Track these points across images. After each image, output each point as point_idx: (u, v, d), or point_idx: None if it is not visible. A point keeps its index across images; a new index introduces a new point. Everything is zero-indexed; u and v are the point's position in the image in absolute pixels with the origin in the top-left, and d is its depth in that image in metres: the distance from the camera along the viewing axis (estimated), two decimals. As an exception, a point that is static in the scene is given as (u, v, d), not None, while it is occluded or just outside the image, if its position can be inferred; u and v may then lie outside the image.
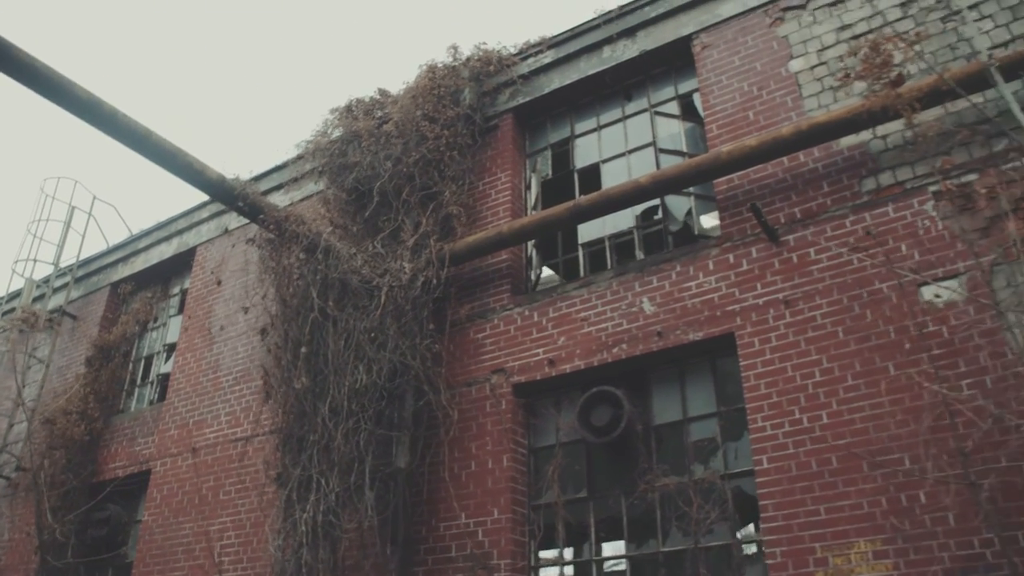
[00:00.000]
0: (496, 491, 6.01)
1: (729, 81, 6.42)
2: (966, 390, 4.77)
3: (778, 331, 5.43)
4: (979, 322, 4.89)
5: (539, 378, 6.23)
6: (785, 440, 5.13)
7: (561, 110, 7.45)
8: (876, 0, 6.11)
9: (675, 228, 6.44)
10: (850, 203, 5.55)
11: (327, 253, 6.41)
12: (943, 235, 5.18)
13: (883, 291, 5.20)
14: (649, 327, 5.90)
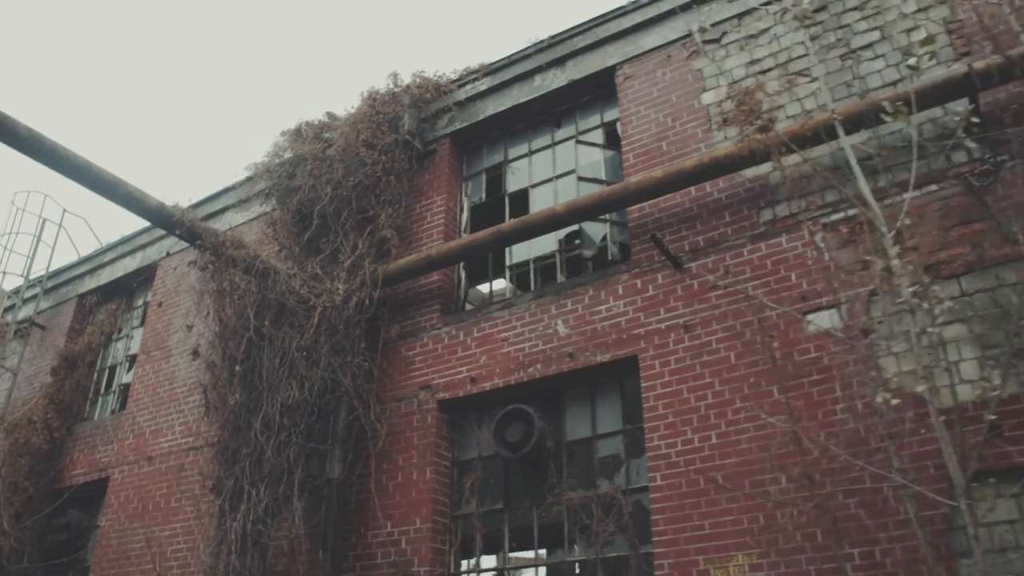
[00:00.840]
0: (419, 502, 6.36)
1: (647, 112, 6.73)
2: (839, 415, 5.11)
3: (677, 355, 5.76)
4: (854, 350, 5.21)
5: (462, 395, 6.58)
6: (677, 459, 5.46)
7: (496, 135, 7.77)
8: (782, 37, 6.41)
9: (589, 254, 6.76)
10: (749, 233, 5.87)
11: (265, 275, 6.76)
12: (829, 266, 5.50)
13: (772, 318, 5.52)
14: (562, 348, 6.24)
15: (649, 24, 7.02)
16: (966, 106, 5.31)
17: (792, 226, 5.73)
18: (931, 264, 5.20)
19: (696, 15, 6.86)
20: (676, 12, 6.93)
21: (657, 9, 6.98)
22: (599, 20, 7.24)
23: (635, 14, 7.09)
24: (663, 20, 6.99)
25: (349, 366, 6.61)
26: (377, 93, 7.74)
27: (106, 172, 6.15)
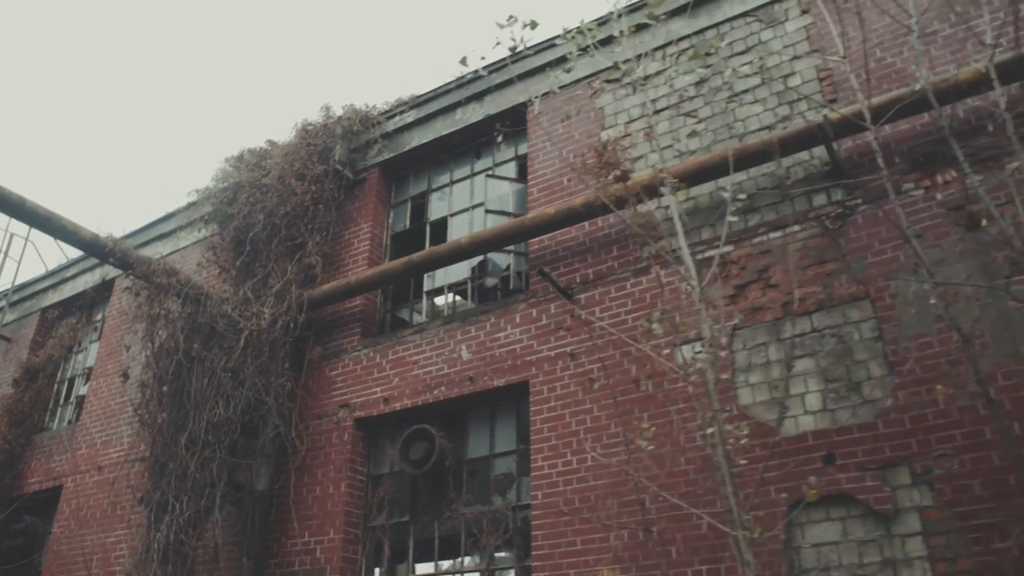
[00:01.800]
0: (334, 513, 6.81)
1: (552, 147, 7.13)
2: (698, 440, 5.51)
3: (562, 381, 6.17)
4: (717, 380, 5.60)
5: (376, 414, 7.02)
6: (557, 479, 5.88)
7: (421, 165, 8.19)
8: (675, 80, 6.80)
9: (491, 283, 7.18)
10: (632, 267, 6.27)
11: (198, 300, 7.22)
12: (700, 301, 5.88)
13: (647, 348, 5.92)
14: (464, 372, 6.66)
15: (558, 63, 7.41)
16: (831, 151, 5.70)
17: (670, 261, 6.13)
18: (787, 301, 5.61)
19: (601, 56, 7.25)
20: (584, 52, 7.33)
21: (566, 49, 7.36)
22: (514, 58, 7.62)
23: (546, 53, 7.48)
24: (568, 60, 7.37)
25: (273, 386, 7.06)
26: (310, 125, 8.17)
27: (40, 207, 6.61)
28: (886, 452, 4.88)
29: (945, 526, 4.59)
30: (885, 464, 4.86)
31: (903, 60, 5.89)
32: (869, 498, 4.82)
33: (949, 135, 4.81)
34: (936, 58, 5.79)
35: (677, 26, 6.99)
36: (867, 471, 4.89)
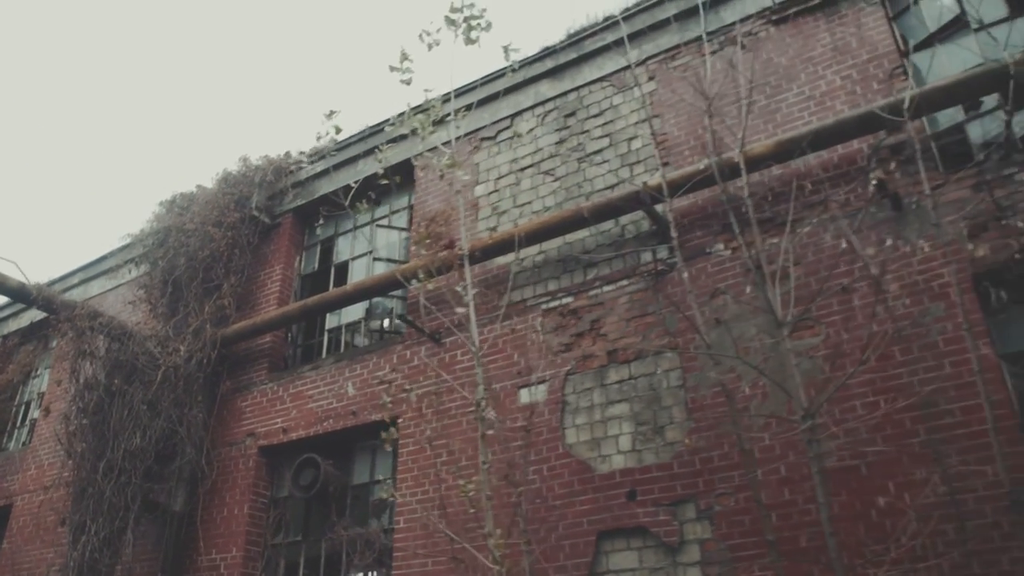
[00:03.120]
0: (237, 533, 7.56)
1: (433, 201, 7.82)
2: (531, 475, 6.19)
3: (426, 417, 6.87)
4: (551, 420, 6.28)
5: (276, 443, 7.76)
6: (416, 506, 6.58)
7: (330, 211, 8.89)
8: (539, 140, 7.45)
9: (375, 326, 7.88)
10: (491, 314, 6.94)
11: (121, 338, 7.99)
12: (541, 347, 6.56)
13: (496, 390, 6.60)
14: (349, 406, 7.38)
15: (440, 122, 8.07)
16: (652, 214, 6.33)
17: (522, 310, 6.81)
18: (613, 350, 6.26)
19: (481, 114, 7.92)
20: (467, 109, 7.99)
21: (448, 108, 8.02)
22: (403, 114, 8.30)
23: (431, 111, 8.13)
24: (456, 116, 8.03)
25: (186, 417, 7.82)
26: (229, 174, 8.90)
27: (-31, 261, 7.41)
28: (678, 490, 5.53)
29: (719, 556, 5.24)
30: (676, 501, 5.51)
31: (724, 128, 6.49)
32: (660, 531, 5.48)
33: (729, 207, 5.46)
34: (752, 128, 6.38)
35: (545, 88, 7.64)
36: (661, 507, 5.54)
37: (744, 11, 6.85)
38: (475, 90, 7.94)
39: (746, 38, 6.75)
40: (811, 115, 6.15)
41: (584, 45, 7.51)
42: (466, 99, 7.96)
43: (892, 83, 5.94)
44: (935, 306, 5.17)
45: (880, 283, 5.24)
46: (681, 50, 7.03)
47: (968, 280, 5.15)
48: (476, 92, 7.94)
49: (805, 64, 6.38)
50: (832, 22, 6.43)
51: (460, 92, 8.09)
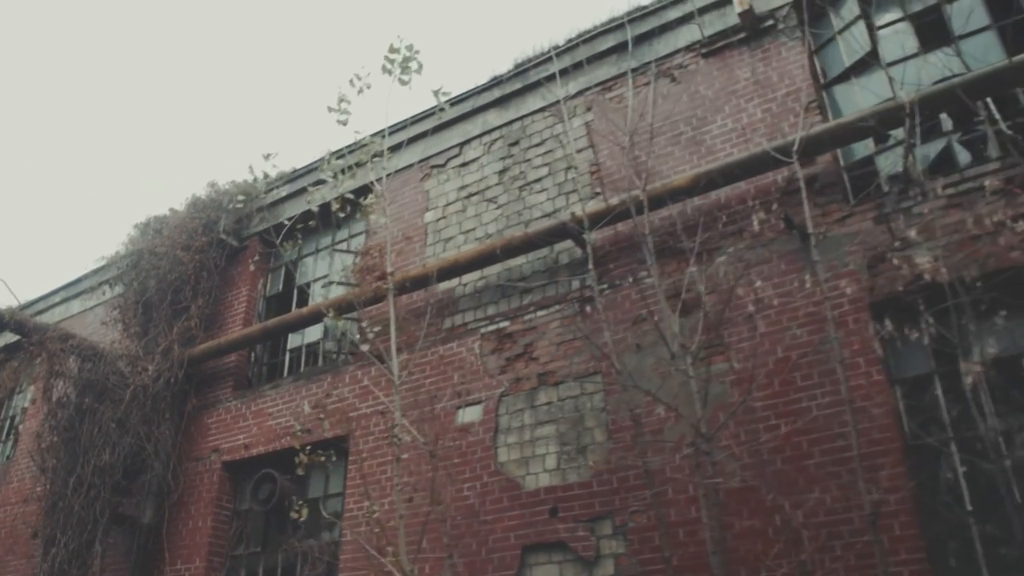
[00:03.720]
0: (201, 544, 7.93)
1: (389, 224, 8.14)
2: (466, 491, 6.50)
3: (374, 435, 7.20)
4: (484, 440, 6.59)
5: (238, 458, 8.12)
6: (361, 520, 6.91)
7: (296, 234, 9.24)
8: (485, 168, 7.77)
9: (330, 347, 8.22)
10: (435, 336, 7.26)
11: (92, 358, 8.38)
12: (479, 369, 6.87)
13: (436, 410, 6.92)
14: (306, 424, 7.72)
15: (397, 147, 8.41)
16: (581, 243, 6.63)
17: (463, 333, 7.13)
18: (543, 373, 6.57)
19: (433, 141, 8.26)
20: (422, 136, 8.34)
21: (405, 135, 8.38)
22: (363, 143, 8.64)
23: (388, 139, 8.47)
24: (409, 144, 8.38)
25: (154, 433, 8.20)
26: (198, 199, 9.29)
27: (-53, 287, 7.83)
28: (596, 507, 5.83)
29: (631, 570, 5.53)
30: (594, 518, 5.81)
31: (654, 158, 6.78)
32: (578, 546, 5.78)
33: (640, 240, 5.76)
34: (679, 158, 6.67)
35: (491, 117, 7.95)
36: (580, 523, 5.84)
37: (676, 44, 7.14)
38: (426, 119, 8.28)
39: (677, 70, 7.04)
40: (732, 147, 6.43)
41: (528, 75, 7.82)
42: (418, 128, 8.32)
43: (808, 116, 6.22)
44: (837, 333, 5.43)
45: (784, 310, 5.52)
46: (617, 82, 7.33)
47: (865, 309, 5.41)
48: (427, 121, 8.29)
49: (729, 97, 6.66)
50: (756, 56, 6.70)
51: (396, 128, 8.37)
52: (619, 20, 7.43)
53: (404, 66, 6.41)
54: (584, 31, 7.66)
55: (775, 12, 6.75)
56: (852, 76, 6.43)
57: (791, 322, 5.61)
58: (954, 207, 5.43)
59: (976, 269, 5.12)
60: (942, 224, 5.39)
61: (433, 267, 6.94)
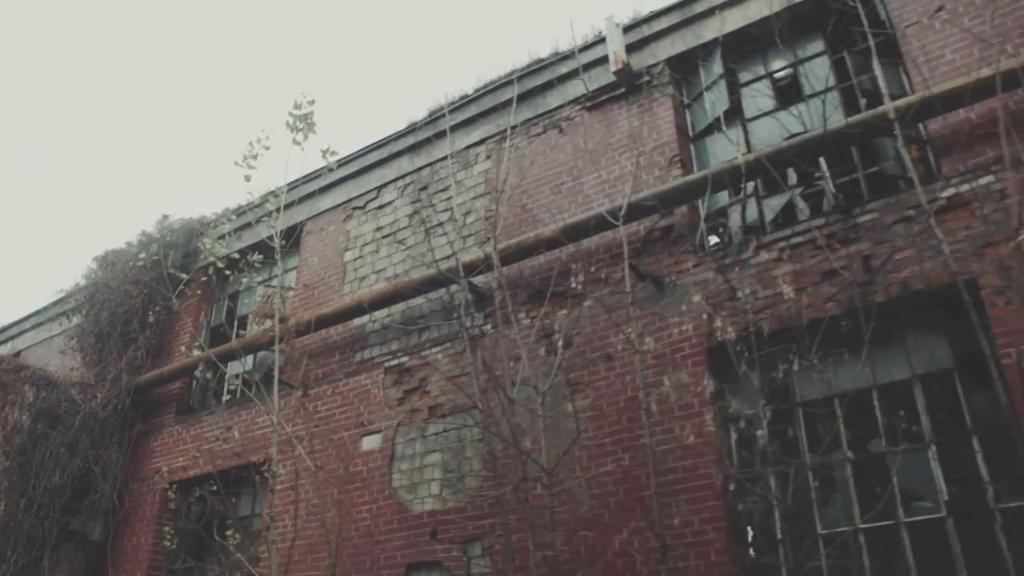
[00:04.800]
0: (142, 559, 8.62)
1: (312, 264, 8.79)
2: (363, 513, 7.12)
3: (291, 459, 7.83)
4: (382, 466, 7.20)
5: (179, 478, 8.79)
6: (282, 538, 7.55)
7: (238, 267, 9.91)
8: (398, 211, 8.37)
9: (258, 376, 8.86)
10: (346, 369, 7.89)
11: (44, 387, 9.11)
12: (381, 400, 7.48)
13: (344, 437, 7.55)
14: (235, 448, 8.38)
15: (326, 189, 9.05)
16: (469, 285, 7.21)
17: (369, 367, 7.75)
18: (433, 405, 7.17)
19: (354, 184, 8.88)
20: (344, 181, 8.97)
21: (330, 178, 8.99)
22: (298, 182, 9.30)
23: (316, 181, 9.12)
24: (335, 187, 9.01)
25: (102, 456, 8.90)
26: (148, 234, 9.97)
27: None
28: (469, 530, 6.42)
29: (496, 589, 6.12)
30: (467, 539, 6.41)
31: (539, 207, 7.36)
32: (452, 565, 6.38)
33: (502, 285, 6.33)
34: (563, 207, 7.23)
35: (405, 162, 8.56)
36: (455, 544, 6.44)
37: (565, 97, 7.71)
38: (352, 162, 8.91)
39: (564, 122, 7.61)
40: (605, 197, 6.98)
41: (439, 123, 8.41)
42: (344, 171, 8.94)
43: (669, 170, 6.76)
44: (676, 375, 5.99)
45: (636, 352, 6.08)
46: (514, 132, 7.90)
47: (702, 353, 5.96)
48: (350, 165, 8.91)
49: (606, 149, 7.21)
50: (632, 110, 7.25)
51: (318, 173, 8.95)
52: (517, 73, 8.00)
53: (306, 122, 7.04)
54: (488, 82, 8.24)
55: (651, 68, 7.30)
56: (715, 130, 6.97)
57: (640, 364, 6.16)
58: (785, 260, 5.96)
59: (798, 318, 5.66)
60: (771, 275, 5.93)
61: (309, 318, 7.63)
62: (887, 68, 6.38)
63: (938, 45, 6.01)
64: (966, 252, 5.33)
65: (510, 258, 6.96)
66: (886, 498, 4.99)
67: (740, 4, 7.00)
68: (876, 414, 5.43)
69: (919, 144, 6.04)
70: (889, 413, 5.36)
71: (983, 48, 5.80)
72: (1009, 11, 5.83)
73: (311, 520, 7.18)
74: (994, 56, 5.67)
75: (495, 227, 6.93)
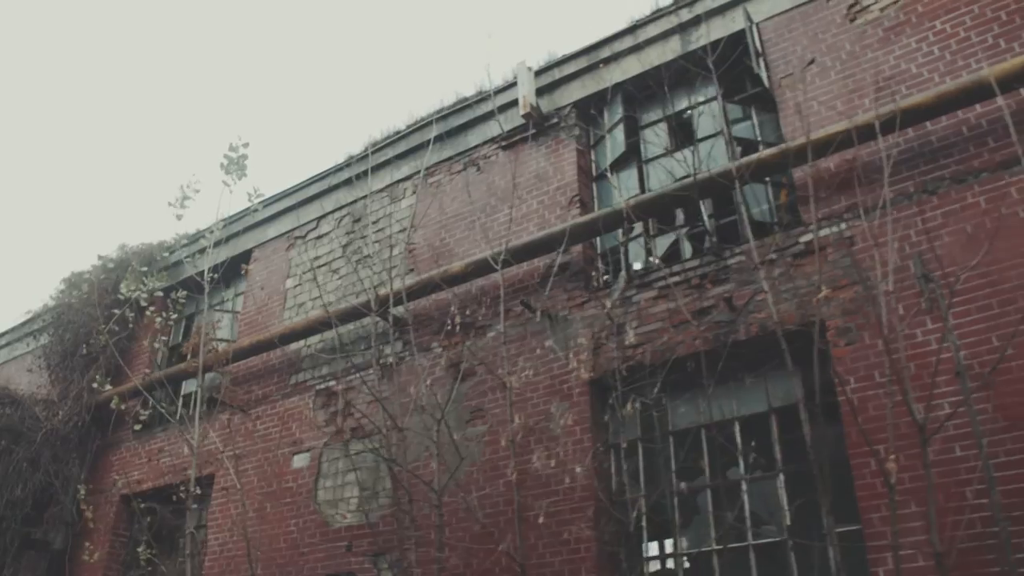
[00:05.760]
0: (98, 567, 9.21)
1: (258, 289, 9.33)
2: (292, 527, 7.67)
3: (229, 476, 8.39)
4: (309, 483, 7.74)
5: (132, 492, 9.38)
6: (218, 549, 8.13)
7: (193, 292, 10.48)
8: (333, 242, 8.90)
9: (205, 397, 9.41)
10: (283, 391, 8.44)
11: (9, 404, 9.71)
12: (312, 421, 8.03)
13: (279, 455, 8.10)
14: (183, 464, 8.95)
15: (272, 219, 9.59)
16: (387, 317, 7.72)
17: (303, 389, 8.29)
18: (355, 427, 7.70)
19: (297, 214, 9.42)
20: (289, 211, 9.50)
21: (276, 208, 9.55)
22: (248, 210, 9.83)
23: (265, 211, 9.67)
24: (280, 216, 9.55)
25: (62, 471, 9.50)
26: (109, 259, 10.55)
27: None
28: (379, 544, 6.96)
29: (401, 600, 6.66)
30: (377, 553, 6.95)
31: (456, 242, 7.86)
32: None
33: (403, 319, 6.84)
34: (476, 243, 7.73)
35: (342, 195, 9.08)
36: (366, 556, 6.98)
37: (484, 136, 8.20)
38: (293, 194, 9.44)
39: (482, 161, 8.11)
40: (512, 234, 7.47)
41: (373, 158, 8.93)
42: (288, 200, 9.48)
43: (569, 209, 7.25)
44: (562, 403, 6.49)
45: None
46: (438, 168, 8.41)
47: (586, 384, 6.46)
48: (295, 195, 9.45)
49: (516, 188, 7.70)
50: (540, 151, 7.74)
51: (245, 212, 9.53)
52: (444, 111, 8.50)
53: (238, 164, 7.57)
54: (418, 119, 8.75)
55: (560, 111, 7.79)
56: (614, 171, 7.45)
57: (533, 393, 6.67)
58: (661, 298, 6.44)
59: (671, 353, 6.15)
60: (650, 313, 6.42)
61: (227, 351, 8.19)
62: (766, 116, 6.85)
63: (807, 97, 6.46)
64: (816, 295, 5.80)
65: (424, 291, 7.47)
66: (726, 523, 5.47)
67: (640, 51, 7.48)
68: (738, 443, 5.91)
69: (788, 190, 6.51)
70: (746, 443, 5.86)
71: (845, 101, 6.27)
72: (869, 67, 6.28)
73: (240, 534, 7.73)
74: (852, 110, 6.14)
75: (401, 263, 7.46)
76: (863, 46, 6.38)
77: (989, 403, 4.93)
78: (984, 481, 4.76)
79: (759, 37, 6.89)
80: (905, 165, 5.85)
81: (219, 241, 10.12)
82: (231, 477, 8.37)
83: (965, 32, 6.00)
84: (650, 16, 7.52)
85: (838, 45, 6.50)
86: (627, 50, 7.54)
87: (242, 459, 8.39)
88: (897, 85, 6.09)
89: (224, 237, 10.03)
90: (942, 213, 5.59)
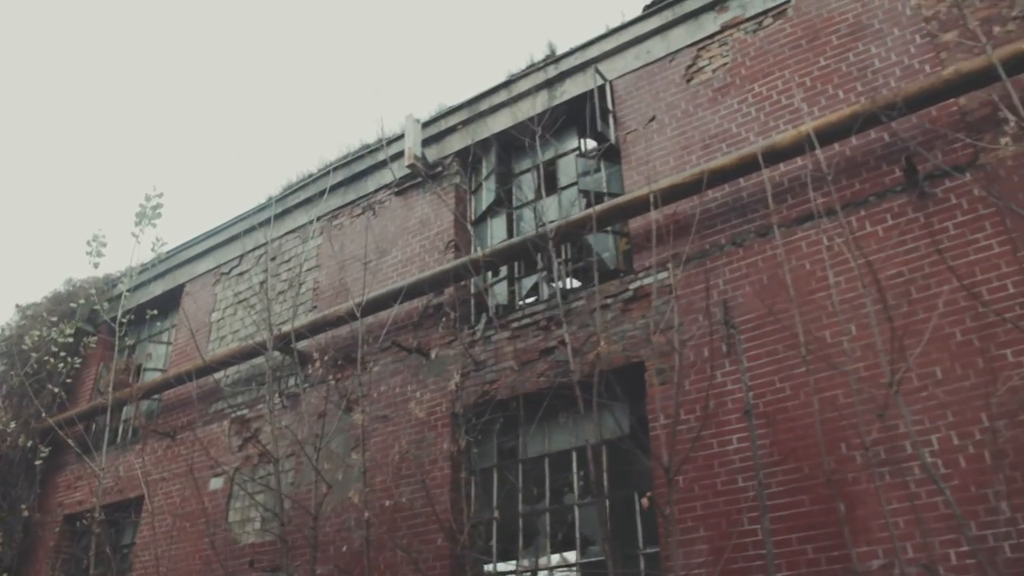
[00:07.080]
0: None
1: (188, 322, 10.08)
2: (206, 545, 8.43)
3: (158, 497, 9.17)
4: (222, 504, 8.50)
5: (74, 512, 10.19)
6: (144, 568, 8.91)
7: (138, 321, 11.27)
8: (252, 278, 9.64)
9: (139, 424, 10.21)
10: (204, 418, 9.20)
11: (-34, 431, 10.54)
12: (227, 446, 8.78)
13: (199, 478, 8.86)
14: (120, 486, 9.74)
15: (203, 255, 10.34)
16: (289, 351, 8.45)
17: (220, 417, 9.05)
18: (262, 452, 8.44)
19: (224, 251, 10.16)
20: (217, 248, 10.25)
21: (206, 244, 10.29)
22: (181, 247, 10.59)
23: (196, 247, 10.41)
24: (210, 253, 10.30)
25: (10, 493, 10.32)
26: (59, 292, 11.34)
27: None
28: (276, 560, 7.71)
29: (293, 611, 7.40)
30: (275, 568, 7.69)
31: (352, 281, 8.56)
32: (263, 591, 7.67)
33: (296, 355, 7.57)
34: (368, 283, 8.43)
35: (260, 235, 9.80)
36: (266, 572, 7.73)
37: (381, 182, 8.90)
38: (219, 233, 10.18)
39: (378, 206, 8.81)
40: (399, 275, 8.18)
41: (288, 200, 9.65)
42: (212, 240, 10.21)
43: (445, 254, 7.95)
44: (430, 434, 7.20)
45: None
46: (341, 211, 9.12)
47: (449, 416, 7.16)
48: (222, 233, 10.19)
49: (403, 232, 8.41)
50: (425, 198, 8.44)
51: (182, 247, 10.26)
52: (349, 157, 9.20)
53: (152, 213, 8.31)
54: (326, 164, 9.46)
55: (443, 160, 8.47)
56: (488, 217, 8.13)
57: (407, 424, 7.39)
58: (516, 337, 7.14)
59: (521, 388, 6.85)
60: (504, 351, 7.12)
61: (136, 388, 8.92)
62: (613, 168, 7.51)
63: (648, 151, 7.12)
64: (639, 338, 6.48)
65: (322, 327, 8.19)
66: (540, 545, 6.17)
67: (513, 104, 8.15)
68: (573, 471, 6.61)
69: (628, 239, 7.17)
70: (580, 472, 6.56)
71: (677, 157, 6.92)
72: (699, 125, 6.93)
73: (163, 552, 8.52)
74: (682, 166, 6.80)
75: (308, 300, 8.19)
76: (695, 105, 7.04)
77: (768, 439, 5.61)
78: (758, 509, 5.46)
79: (611, 94, 7.55)
80: (720, 219, 6.51)
81: (158, 275, 10.95)
82: (157, 500, 9.17)
83: (777, 95, 6.65)
84: (522, 71, 8.19)
85: (675, 104, 7.16)
86: (502, 103, 8.21)
87: (167, 481, 9.17)
88: (719, 143, 6.75)
89: (163, 271, 10.84)
90: (746, 264, 6.24)
